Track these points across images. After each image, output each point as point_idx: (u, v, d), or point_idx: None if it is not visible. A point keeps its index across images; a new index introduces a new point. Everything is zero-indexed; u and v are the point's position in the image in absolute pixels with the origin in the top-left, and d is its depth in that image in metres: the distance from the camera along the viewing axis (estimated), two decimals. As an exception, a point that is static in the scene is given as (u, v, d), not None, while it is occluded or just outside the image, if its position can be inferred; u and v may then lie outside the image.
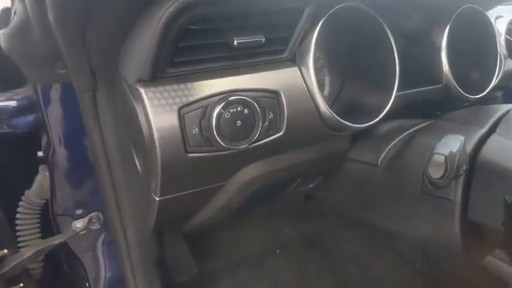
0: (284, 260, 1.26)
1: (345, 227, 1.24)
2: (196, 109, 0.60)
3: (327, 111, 0.71)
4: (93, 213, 0.89)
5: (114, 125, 0.72)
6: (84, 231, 0.88)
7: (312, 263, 1.28)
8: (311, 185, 0.94)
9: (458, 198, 0.65)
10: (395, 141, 0.79)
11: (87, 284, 0.97)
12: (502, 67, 1.01)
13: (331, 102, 0.87)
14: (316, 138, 0.77)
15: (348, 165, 0.87)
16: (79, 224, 0.87)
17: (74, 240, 0.91)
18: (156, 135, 0.59)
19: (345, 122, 0.73)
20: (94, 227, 0.90)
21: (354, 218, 0.96)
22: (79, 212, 0.90)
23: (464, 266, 0.87)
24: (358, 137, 0.87)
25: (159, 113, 0.58)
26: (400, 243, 1.13)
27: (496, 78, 0.98)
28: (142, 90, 0.58)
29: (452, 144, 0.61)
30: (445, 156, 0.59)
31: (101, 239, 0.95)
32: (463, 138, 0.63)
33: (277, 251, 1.28)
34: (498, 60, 0.98)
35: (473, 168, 0.65)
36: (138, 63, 0.59)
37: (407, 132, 0.80)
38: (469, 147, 0.66)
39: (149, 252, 0.92)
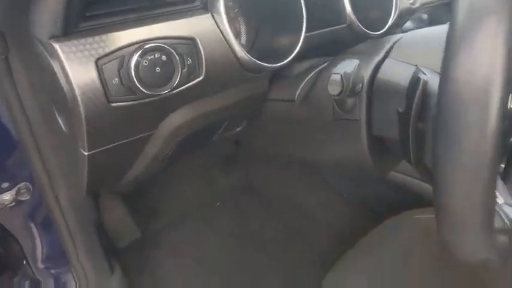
0: (225, 210, 1.31)
1: (275, 169, 1.31)
2: (113, 59, 0.62)
3: (244, 54, 0.75)
4: (21, 184, 0.86)
5: (31, 87, 0.71)
6: (13, 203, 0.85)
7: (251, 210, 1.34)
8: (238, 129, 0.99)
9: (363, 117, 0.74)
10: (308, 78, 0.86)
11: (25, 262, 0.96)
12: (398, 6, 1.12)
13: (249, 49, 0.91)
14: (236, 81, 0.81)
15: (269, 105, 0.93)
16: (7, 197, 0.84)
17: (5, 218, 0.88)
18: (76, 89, 0.59)
19: (261, 63, 0.78)
20: (23, 198, 0.87)
21: (281, 158, 1.03)
22: (5, 185, 0.86)
23: (379, 184, 0.98)
24: (275, 78, 0.92)
25: (76, 66, 0.59)
26: (327, 175, 1.23)
27: (394, 16, 1.08)
28: (57, 46, 0.58)
29: (347, 66, 0.70)
30: (341, 75, 0.67)
31: (34, 212, 0.93)
32: (357, 61, 0.72)
33: (218, 204, 1.32)
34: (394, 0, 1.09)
35: (373, 89, 0.74)
36: (49, 21, 0.58)
37: (318, 68, 0.87)
38: (368, 73, 0.74)
39: (86, 217, 0.92)
